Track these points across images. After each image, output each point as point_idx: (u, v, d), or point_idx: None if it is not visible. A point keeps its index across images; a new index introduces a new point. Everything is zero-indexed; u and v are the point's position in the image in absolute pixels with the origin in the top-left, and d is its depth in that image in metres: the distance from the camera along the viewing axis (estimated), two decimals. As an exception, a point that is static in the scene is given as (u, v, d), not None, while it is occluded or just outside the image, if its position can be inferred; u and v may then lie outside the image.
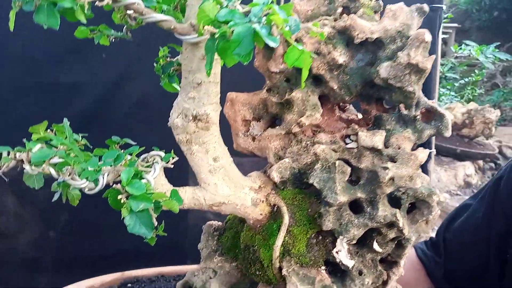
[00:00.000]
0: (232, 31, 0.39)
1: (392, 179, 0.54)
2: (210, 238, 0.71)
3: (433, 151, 1.35)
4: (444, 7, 1.40)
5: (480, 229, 0.98)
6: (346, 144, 0.60)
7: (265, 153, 0.63)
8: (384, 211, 0.55)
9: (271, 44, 0.39)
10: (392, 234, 0.57)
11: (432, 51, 0.56)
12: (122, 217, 0.46)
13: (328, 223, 0.55)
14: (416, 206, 0.60)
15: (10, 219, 1.38)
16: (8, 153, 0.48)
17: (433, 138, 1.31)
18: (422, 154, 0.55)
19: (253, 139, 0.64)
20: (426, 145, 0.59)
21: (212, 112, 0.58)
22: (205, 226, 0.73)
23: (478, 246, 0.98)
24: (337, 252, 0.58)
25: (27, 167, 0.46)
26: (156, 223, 0.46)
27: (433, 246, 1.04)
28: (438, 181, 3.17)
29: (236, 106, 0.66)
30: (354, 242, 0.56)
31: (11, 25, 0.44)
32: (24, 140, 0.48)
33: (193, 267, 0.79)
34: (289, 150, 0.61)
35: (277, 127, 0.62)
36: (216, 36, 0.40)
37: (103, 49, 1.24)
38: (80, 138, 0.55)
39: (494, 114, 3.34)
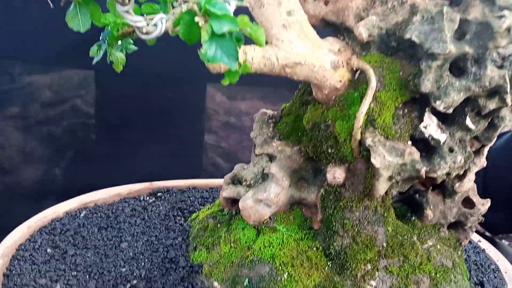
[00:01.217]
0: None
1: (508, 29, 0.46)
2: (265, 126, 0.63)
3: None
4: None
5: None
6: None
7: (342, 16, 0.54)
8: (492, 71, 0.47)
9: None
10: (492, 105, 0.49)
11: None
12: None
13: (427, 83, 0.47)
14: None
15: (14, 155, 1.31)
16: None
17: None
18: (545, 1, 0.47)
19: (326, 2, 0.55)
20: None
21: (287, -44, 0.49)
22: (258, 114, 0.65)
23: None
24: (425, 127, 0.51)
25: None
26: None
27: None
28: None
29: (305, -31, 0.57)
30: (451, 110, 0.49)
31: None
32: None
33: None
34: (372, 12, 0.52)
35: (359, -17, 0.53)
36: None
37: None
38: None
39: None
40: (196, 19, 0.38)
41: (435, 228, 0.61)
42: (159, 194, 0.86)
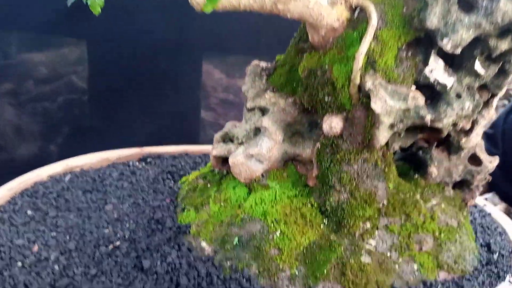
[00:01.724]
0: None
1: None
2: (258, 79, 0.59)
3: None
4: None
5: None
6: None
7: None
8: (505, 4, 0.42)
9: None
10: (503, 46, 0.45)
11: None
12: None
13: (434, 18, 0.42)
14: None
15: (8, 131, 1.27)
16: None
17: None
18: None
19: None
20: None
21: None
22: (250, 67, 0.61)
23: None
24: (430, 71, 0.47)
25: None
26: None
27: (489, 139, 0.99)
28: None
29: None
30: (459, 50, 0.44)
31: None
32: None
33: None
34: None
35: None
36: None
37: None
38: None
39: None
40: None
41: (439, 187, 0.57)
42: (149, 159, 0.82)
